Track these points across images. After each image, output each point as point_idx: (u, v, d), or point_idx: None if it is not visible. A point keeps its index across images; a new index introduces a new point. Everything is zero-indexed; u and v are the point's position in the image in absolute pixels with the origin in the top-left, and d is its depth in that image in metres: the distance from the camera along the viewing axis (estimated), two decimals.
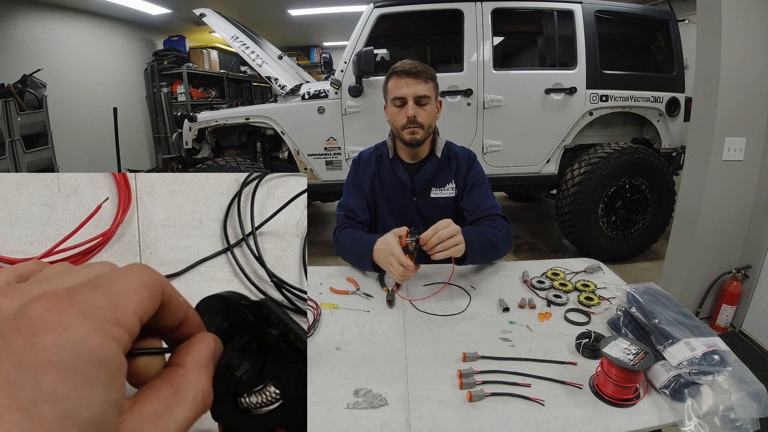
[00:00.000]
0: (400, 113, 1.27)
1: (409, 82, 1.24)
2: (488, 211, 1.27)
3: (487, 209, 1.28)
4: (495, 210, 1.27)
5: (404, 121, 1.26)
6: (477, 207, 1.30)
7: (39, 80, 3.93)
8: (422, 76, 1.25)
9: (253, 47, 3.00)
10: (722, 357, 0.72)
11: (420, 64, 1.26)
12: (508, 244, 1.21)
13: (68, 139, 4.50)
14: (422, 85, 1.25)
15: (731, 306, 2.15)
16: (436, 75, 1.30)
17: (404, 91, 1.25)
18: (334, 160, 2.97)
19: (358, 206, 1.35)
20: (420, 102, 1.26)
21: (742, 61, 1.96)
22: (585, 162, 2.84)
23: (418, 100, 1.25)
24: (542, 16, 2.93)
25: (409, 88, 1.24)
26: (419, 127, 1.26)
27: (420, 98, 1.25)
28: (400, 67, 1.27)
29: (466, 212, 1.33)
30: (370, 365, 0.81)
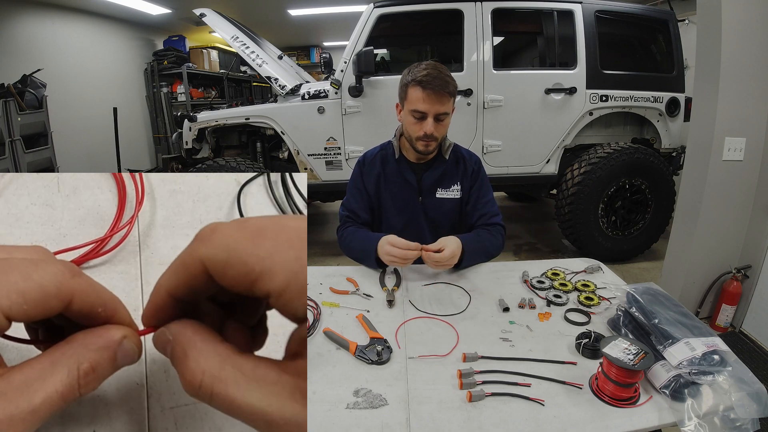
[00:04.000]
0: (417, 125, 1.24)
1: (433, 99, 1.19)
2: (492, 219, 1.34)
3: (491, 217, 1.35)
4: (497, 219, 1.35)
5: (421, 134, 1.24)
6: (483, 214, 1.35)
7: (39, 80, 3.93)
8: (446, 95, 1.20)
9: (253, 47, 3.01)
10: (722, 357, 0.72)
11: (443, 78, 1.19)
12: (499, 249, 1.31)
13: (68, 139, 4.50)
14: (445, 104, 1.21)
15: (731, 306, 2.15)
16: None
17: (426, 107, 1.20)
18: (334, 160, 2.97)
19: (359, 208, 1.38)
20: (439, 119, 1.23)
21: (742, 61, 1.95)
22: (585, 162, 2.84)
23: (438, 117, 1.23)
24: (542, 16, 2.93)
25: (432, 106, 1.20)
26: (434, 141, 1.27)
27: (440, 115, 1.23)
28: (425, 78, 1.19)
29: (469, 217, 1.38)
30: (370, 365, 0.81)
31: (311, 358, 0.82)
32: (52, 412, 0.30)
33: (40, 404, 0.29)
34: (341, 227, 1.37)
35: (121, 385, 0.57)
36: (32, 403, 0.28)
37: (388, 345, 0.85)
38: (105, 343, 0.33)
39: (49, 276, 0.31)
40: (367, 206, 1.39)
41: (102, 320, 0.35)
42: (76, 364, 0.31)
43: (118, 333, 0.34)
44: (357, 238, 1.28)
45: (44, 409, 0.29)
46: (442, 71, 1.21)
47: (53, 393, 0.29)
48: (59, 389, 0.30)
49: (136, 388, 0.58)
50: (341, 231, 1.36)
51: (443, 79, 1.19)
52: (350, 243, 1.29)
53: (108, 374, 0.34)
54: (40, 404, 0.29)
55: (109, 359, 0.33)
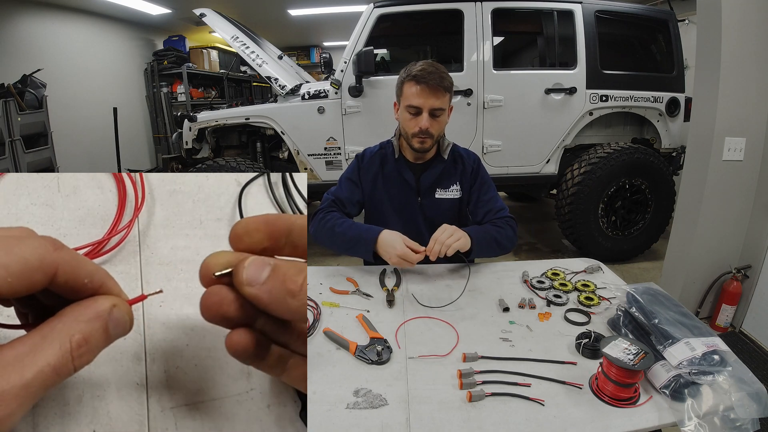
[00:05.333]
0: (413, 121, 1.25)
1: (428, 93, 1.21)
2: (498, 214, 1.31)
3: (497, 212, 1.32)
4: (503, 213, 1.32)
5: (416, 130, 1.25)
6: (488, 211, 1.33)
7: (39, 80, 3.93)
8: (441, 89, 1.21)
9: (253, 47, 3.00)
10: (722, 357, 0.72)
11: (439, 73, 1.21)
12: (513, 240, 1.27)
13: (68, 139, 4.50)
14: (440, 99, 1.22)
15: (731, 306, 2.15)
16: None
17: (420, 102, 1.22)
18: (334, 160, 2.96)
19: (348, 200, 1.35)
20: (434, 114, 1.24)
21: (742, 61, 1.95)
22: (585, 162, 2.84)
23: (433, 112, 1.23)
24: (542, 16, 2.93)
25: (426, 100, 1.21)
26: (429, 137, 1.26)
27: (435, 110, 1.23)
28: (419, 73, 1.21)
29: (474, 216, 1.35)
30: (370, 365, 0.81)
31: (311, 358, 0.82)
32: (46, 387, 0.30)
33: (32, 379, 0.28)
34: (323, 210, 1.30)
35: (121, 385, 0.57)
36: (24, 377, 0.28)
37: (388, 345, 0.85)
38: (95, 313, 0.33)
39: (31, 249, 0.31)
40: (357, 201, 1.37)
41: (90, 292, 0.35)
42: (67, 336, 0.31)
43: (107, 302, 0.34)
44: (348, 225, 1.23)
45: (37, 384, 0.29)
46: (437, 68, 1.22)
47: (45, 366, 0.29)
48: (51, 362, 0.30)
49: (136, 388, 0.58)
50: (322, 214, 1.28)
51: (438, 74, 1.21)
52: (337, 228, 1.22)
53: (102, 345, 0.34)
54: (32, 379, 0.29)
55: (102, 329, 0.33)
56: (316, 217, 1.30)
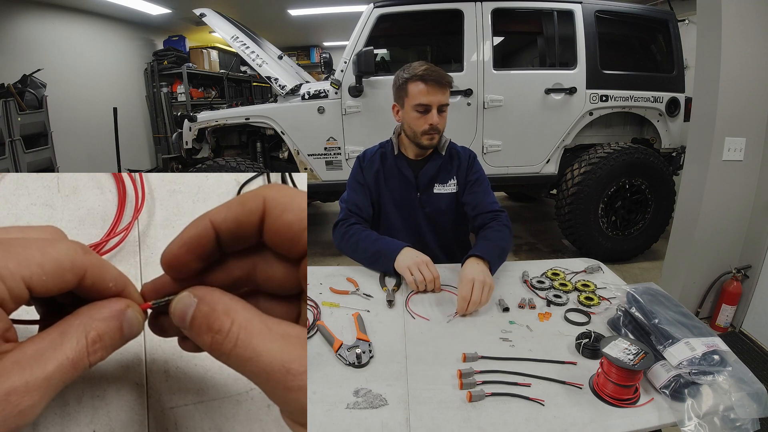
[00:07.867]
0: (422, 119, 1.28)
1: (435, 90, 1.25)
2: (490, 206, 1.34)
3: (489, 204, 1.34)
4: (495, 206, 1.34)
5: (426, 127, 1.28)
6: (479, 203, 1.35)
7: (39, 80, 3.93)
8: (446, 86, 1.27)
9: (253, 47, 3.00)
10: (722, 357, 0.72)
11: (439, 71, 1.26)
12: (510, 240, 1.29)
13: (68, 139, 4.50)
14: (445, 94, 1.28)
15: (731, 306, 2.15)
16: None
17: (429, 99, 1.25)
18: (334, 160, 2.96)
19: (362, 202, 1.38)
20: (441, 109, 1.28)
21: (742, 61, 1.95)
22: (585, 162, 2.84)
23: (440, 108, 1.28)
24: (542, 16, 2.93)
25: (435, 97, 1.25)
26: (438, 133, 1.31)
27: (442, 106, 1.28)
28: (425, 72, 1.25)
29: (468, 207, 1.38)
30: (370, 365, 0.81)
31: (311, 357, 0.82)
32: (65, 380, 0.32)
33: (53, 372, 0.30)
34: (343, 222, 1.32)
35: (121, 385, 0.57)
36: (46, 370, 0.30)
37: (370, 348, 0.84)
38: (110, 313, 0.36)
39: (64, 251, 0.34)
40: (370, 200, 1.40)
41: (112, 295, 0.38)
42: (84, 332, 0.33)
43: (122, 303, 0.37)
44: (371, 239, 1.23)
45: (57, 377, 0.31)
46: (435, 67, 1.28)
47: (65, 360, 0.31)
48: (70, 356, 0.32)
49: (136, 388, 0.58)
50: (344, 227, 1.30)
51: (440, 72, 1.26)
52: (360, 243, 1.23)
53: (116, 344, 0.36)
54: (53, 371, 0.30)
55: (116, 328, 0.35)
56: (339, 229, 1.32)
